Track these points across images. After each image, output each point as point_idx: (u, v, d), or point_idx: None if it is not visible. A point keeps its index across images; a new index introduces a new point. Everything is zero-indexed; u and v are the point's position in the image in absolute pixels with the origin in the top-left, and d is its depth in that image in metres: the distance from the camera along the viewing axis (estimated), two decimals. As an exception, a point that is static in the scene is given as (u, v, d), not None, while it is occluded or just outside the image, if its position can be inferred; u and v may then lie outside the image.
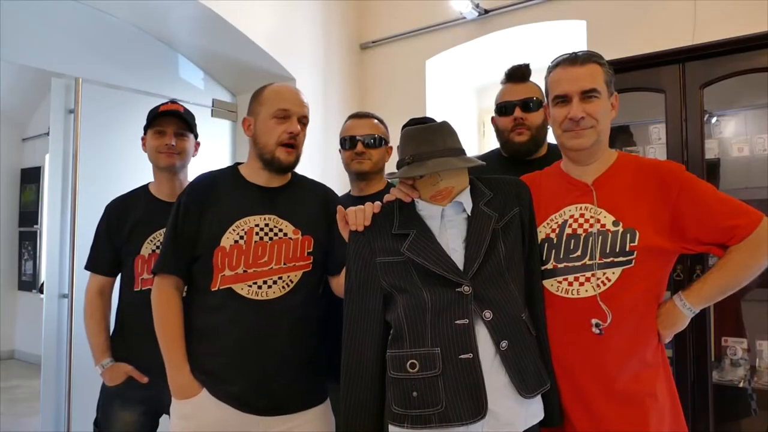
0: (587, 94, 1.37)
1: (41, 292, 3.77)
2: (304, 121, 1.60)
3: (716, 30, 2.27)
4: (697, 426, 2.02)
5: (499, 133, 1.85)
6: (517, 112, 1.77)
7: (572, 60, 1.40)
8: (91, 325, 1.85)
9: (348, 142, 1.91)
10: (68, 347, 2.70)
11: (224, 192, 1.58)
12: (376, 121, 1.96)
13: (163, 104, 1.96)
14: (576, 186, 1.42)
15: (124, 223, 1.85)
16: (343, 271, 1.43)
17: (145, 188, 1.95)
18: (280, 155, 1.55)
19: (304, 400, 1.54)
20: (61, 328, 2.74)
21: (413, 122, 2.16)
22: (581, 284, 1.34)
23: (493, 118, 1.88)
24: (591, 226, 1.36)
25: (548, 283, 1.38)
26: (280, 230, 1.55)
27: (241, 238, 1.51)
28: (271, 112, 1.56)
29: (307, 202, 1.63)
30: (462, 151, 1.33)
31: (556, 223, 1.41)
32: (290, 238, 1.55)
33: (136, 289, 1.82)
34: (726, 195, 1.35)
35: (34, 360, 5.14)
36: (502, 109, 1.81)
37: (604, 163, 1.42)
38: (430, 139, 1.31)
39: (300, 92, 1.64)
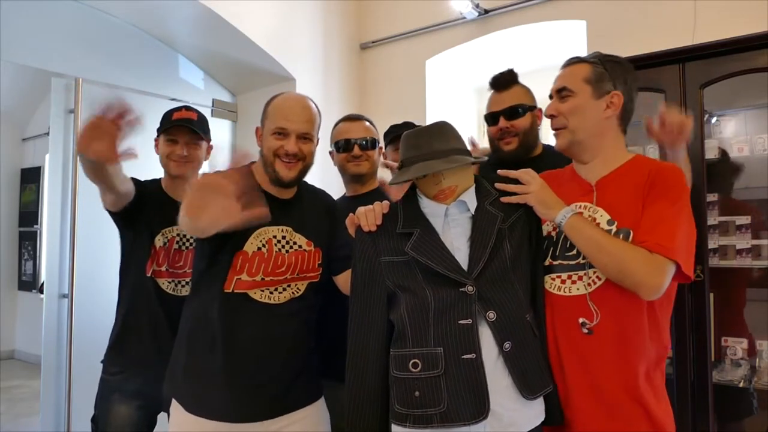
0: (560, 93, 1.42)
1: (41, 292, 3.76)
2: (307, 136, 1.56)
3: (716, 30, 2.27)
4: (698, 426, 2.02)
5: (490, 141, 1.88)
6: (502, 122, 1.78)
7: (564, 63, 1.47)
8: None
9: (343, 145, 1.91)
10: (68, 347, 2.70)
11: None
12: (368, 123, 1.97)
13: (176, 110, 1.93)
14: (580, 185, 1.42)
15: (147, 199, 1.83)
16: (347, 270, 1.44)
17: (158, 182, 1.94)
18: (279, 169, 1.53)
19: (300, 399, 1.55)
20: (61, 328, 2.74)
21: (394, 129, 2.19)
22: (573, 282, 1.34)
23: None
24: (586, 224, 1.36)
25: (544, 280, 1.39)
26: (295, 243, 1.56)
27: (264, 246, 1.52)
28: (271, 129, 1.55)
29: (316, 214, 1.64)
30: (453, 151, 1.30)
31: (558, 221, 1.41)
32: (305, 250, 1.57)
33: (147, 275, 1.82)
34: (680, 222, 1.27)
35: (34, 360, 5.13)
36: (488, 119, 1.84)
37: (612, 164, 1.40)
38: (416, 144, 1.33)
39: (305, 105, 1.58)
